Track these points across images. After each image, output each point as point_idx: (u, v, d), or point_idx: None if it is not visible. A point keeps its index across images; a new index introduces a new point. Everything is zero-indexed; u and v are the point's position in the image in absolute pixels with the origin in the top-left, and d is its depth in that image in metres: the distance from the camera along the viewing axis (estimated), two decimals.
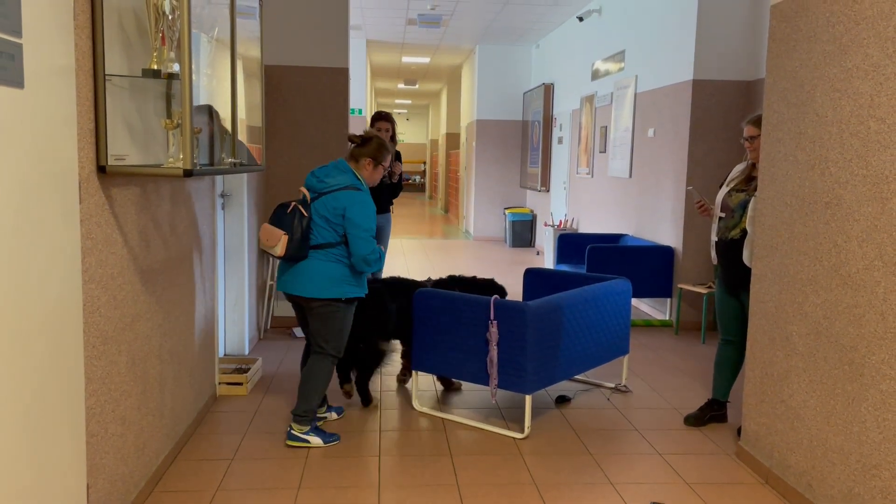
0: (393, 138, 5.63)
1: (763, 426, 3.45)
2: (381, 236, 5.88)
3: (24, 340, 2.06)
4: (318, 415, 3.88)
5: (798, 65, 3.22)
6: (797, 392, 3.17)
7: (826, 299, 2.97)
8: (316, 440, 3.69)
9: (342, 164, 3.70)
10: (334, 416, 4.06)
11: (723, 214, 3.96)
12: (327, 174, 3.67)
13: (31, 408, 2.11)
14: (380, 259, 3.67)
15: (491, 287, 4.51)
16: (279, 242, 3.51)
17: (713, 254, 4.04)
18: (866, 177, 2.74)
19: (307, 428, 3.69)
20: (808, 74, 3.15)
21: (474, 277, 4.60)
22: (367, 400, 4.28)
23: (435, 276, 5.01)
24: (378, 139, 3.76)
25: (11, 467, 2.02)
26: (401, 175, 5.84)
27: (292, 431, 3.69)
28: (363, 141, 3.75)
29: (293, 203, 3.59)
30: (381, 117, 5.61)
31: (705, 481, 3.40)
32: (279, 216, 3.58)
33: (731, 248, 3.86)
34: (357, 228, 3.57)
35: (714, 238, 4.01)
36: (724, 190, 4.00)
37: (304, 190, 3.67)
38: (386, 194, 5.84)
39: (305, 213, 3.57)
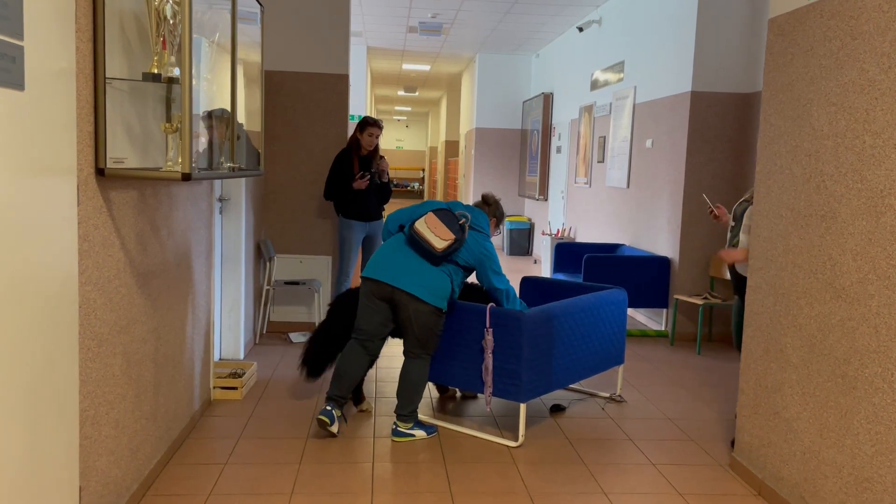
0: (378, 143, 5.81)
1: (756, 438, 3.46)
2: (372, 245, 5.89)
3: (19, 342, 2.06)
4: (335, 411, 3.86)
5: (795, 78, 3.24)
6: (791, 404, 3.18)
7: (820, 312, 2.98)
8: (420, 433, 3.92)
9: (485, 216, 3.97)
10: (344, 423, 4.04)
11: (733, 223, 4.10)
12: (477, 216, 3.91)
13: (24, 409, 2.11)
14: (514, 297, 3.92)
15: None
16: (448, 240, 3.67)
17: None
18: (861, 191, 2.76)
19: (411, 424, 3.90)
20: (804, 88, 3.17)
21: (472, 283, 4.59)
22: (358, 399, 4.30)
23: None
24: (499, 203, 4.14)
25: (4, 469, 2.02)
26: (388, 181, 5.87)
27: (398, 429, 3.88)
28: (492, 203, 4.11)
29: (463, 218, 3.77)
30: (371, 123, 5.72)
31: (699, 492, 3.40)
32: (449, 220, 3.73)
33: None
34: (490, 267, 3.84)
35: (727, 247, 4.16)
36: (741, 199, 4.16)
37: (467, 214, 3.83)
38: (374, 199, 5.82)
39: (464, 234, 3.75)
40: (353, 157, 5.71)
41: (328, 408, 3.84)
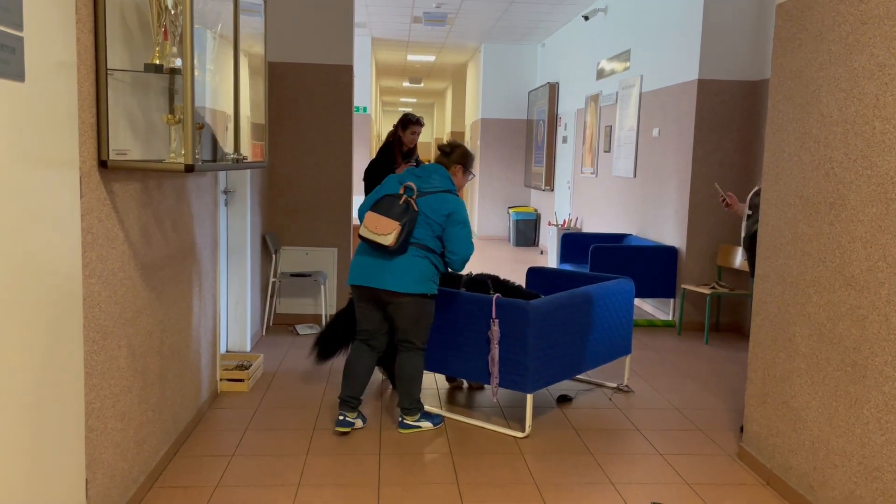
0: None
1: (765, 427, 3.44)
2: None
3: (23, 335, 2.06)
4: (349, 417, 3.82)
5: (803, 65, 3.20)
6: (799, 393, 3.16)
7: (829, 300, 2.96)
8: (427, 424, 3.90)
9: (442, 170, 3.78)
10: (360, 423, 3.93)
11: (750, 212, 4.06)
12: (430, 175, 3.74)
13: (30, 402, 2.11)
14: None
15: (518, 292, 4.35)
16: (392, 232, 3.53)
17: (741, 250, 4.11)
18: (871, 178, 2.72)
19: (417, 416, 3.88)
20: (813, 74, 3.13)
21: (506, 280, 4.46)
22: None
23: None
24: (463, 147, 3.90)
25: (10, 462, 2.01)
26: None
27: (405, 421, 3.87)
28: (451, 149, 3.89)
29: (404, 196, 3.61)
30: (413, 121, 5.81)
31: (706, 482, 3.38)
32: (388, 206, 3.59)
33: (755, 244, 3.97)
34: (465, 229, 3.68)
35: (742, 234, 4.12)
36: (755, 189, 4.10)
37: (412, 185, 3.67)
38: None
39: (415, 208, 3.60)
40: (395, 151, 5.86)
41: (342, 417, 3.81)
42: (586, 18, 9.52)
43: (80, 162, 2.40)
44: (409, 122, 5.83)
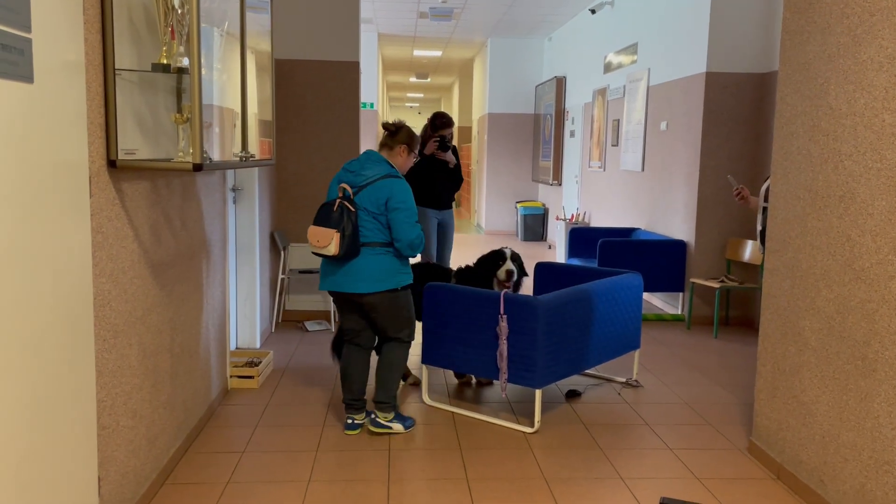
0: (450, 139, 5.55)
1: (774, 421, 3.43)
2: (444, 237, 5.57)
3: (35, 334, 2.08)
4: (357, 420, 3.82)
5: (812, 57, 3.18)
6: (809, 387, 3.15)
7: (839, 294, 2.94)
8: (398, 426, 3.77)
9: (374, 155, 3.68)
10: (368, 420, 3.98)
11: (766, 204, 4.04)
12: (362, 167, 3.64)
13: (42, 401, 2.13)
14: (422, 243, 3.66)
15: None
16: (332, 241, 3.47)
17: (758, 243, 4.08)
18: (881, 170, 2.71)
19: (391, 415, 3.76)
20: (821, 67, 3.11)
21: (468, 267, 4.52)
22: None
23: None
24: (408, 127, 3.80)
25: (24, 461, 2.03)
26: (458, 165, 5.52)
27: (376, 419, 3.75)
28: (396, 129, 3.77)
29: (337, 200, 3.53)
30: (447, 124, 5.40)
31: (716, 476, 3.38)
32: (325, 215, 3.53)
33: None
34: (402, 213, 3.55)
35: (759, 228, 4.08)
36: (767, 181, 4.07)
37: (345, 186, 3.59)
38: (446, 184, 5.48)
39: (353, 208, 3.52)
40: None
41: (349, 420, 3.81)
42: (593, 12, 9.49)
43: (90, 162, 2.41)
44: (439, 126, 5.40)
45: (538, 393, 3.85)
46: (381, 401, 3.76)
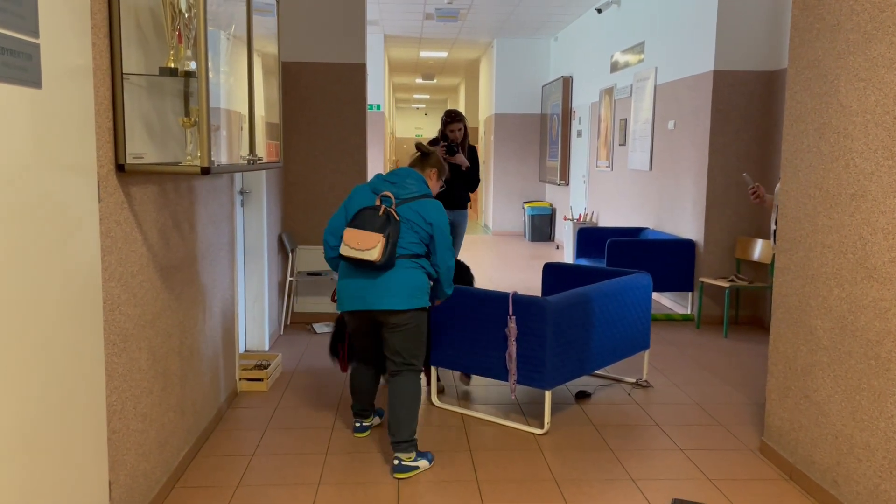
0: (466, 136, 5.54)
1: (787, 421, 3.41)
2: (454, 236, 5.49)
3: (44, 339, 2.08)
4: (365, 423, 3.80)
5: (821, 54, 3.16)
6: (821, 387, 3.12)
7: (851, 293, 2.92)
8: (423, 463, 3.42)
9: (415, 173, 3.49)
10: (377, 420, 3.94)
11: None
12: (403, 180, 3.44)
13: (52, 405, 2.13)
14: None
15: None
16: (377, 245, 3.23)
17: (772, 242, 4.05)
18: (892, 168, 2.68)
19: (414, 454, 3.38)
20: (831, 64, 3.09)
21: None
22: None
23: None
24: (437, 154, 3.67)
25: (35, 465, 2.04)
26: (475, 167, 5.55)
27: (401, 463, 3.34)
28: (429, 153, 3.65)
29: (381, 205, 3.33)
30: (454, 119, 5.46)
31: (728, 477, 3.36)
32: (368, 219, 3.30)
33: None
34: (447, 239, 3.41)
35: (773, 227, 4.06)
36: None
37: (389, 194, 3.37)
38: (459, 184, 5.47)
39: (397, 217, 3.31)
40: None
41: (358, 424, 3.81)
42: (599, 11, 9.46)
43: (98, 166, 2.42)
44: (448, 121, 5.48)
45: (548, 394, 3.83)
46: (401, 441, 3.36)
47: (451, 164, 5.42)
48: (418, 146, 3.68)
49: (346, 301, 3.42)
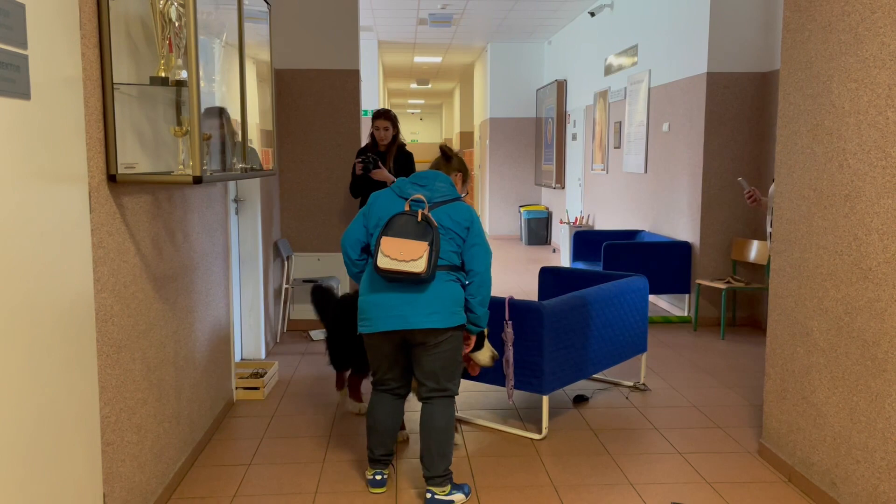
0: (395, 138, 5.31)
1: (785, 423, 3.40)
2: None
3: (36, 351, 2.06)
4: (385, 473, 3.27)
5: (813, 55, 3.16)
6: (819, 388, 3.11)
7: (847, 294, 2.92)
8: (459, 496, 3.11)
9: (442, 175, 3.15)
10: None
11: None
12: (433, 183, 3.09)
13: (44, 417, 2.11)
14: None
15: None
16: (422, 256, 2.86)
17: (769, 243, 4.06)
18: (886, 168, 2.68)
19: (449, 487, 3.09)
20: (823, 65, 3.09)
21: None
22: (358, 401, 4.19)
23: None
24: (459, 156, 3.44)
25: (27, 477, 2.02)
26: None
27: (434, 496, 3.05)
28: (453, 155, 3.41)
29: (419, 211, 2.95)
30: (377, 115, 5.27)
31: (727, 480, 3.35)
32: (405, 226, 2.92)
33: None
34: (484, 241, 3.06)
35: (769, 228, 4.06)
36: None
37: (421, 197, 3.01)
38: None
39: (434, 223, 2.94)
40: (367, 151, 5.35)
41: (377, 477, 3.23)
42: (592, 15, 9.48)
43: (89, 177, 2.40)
44: (373, 117, 5.22)
45: (545, 399, 3.82)
46: (436, 476, 3.06)
47: (378, 183, 5.13)
48: (442, 147, 3.43)
49: (379, 320, 2.99)
